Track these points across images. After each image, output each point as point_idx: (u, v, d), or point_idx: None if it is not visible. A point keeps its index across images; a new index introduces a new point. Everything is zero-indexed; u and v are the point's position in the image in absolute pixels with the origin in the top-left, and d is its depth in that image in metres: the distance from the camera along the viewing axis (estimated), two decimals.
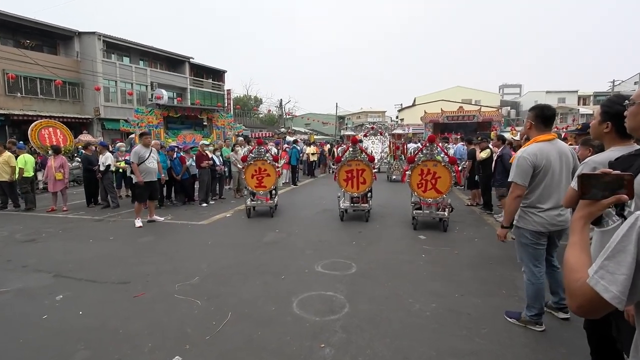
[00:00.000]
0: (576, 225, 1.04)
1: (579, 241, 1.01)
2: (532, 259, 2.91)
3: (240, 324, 3.13)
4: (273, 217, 7.42)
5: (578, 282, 0.92)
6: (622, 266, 0.85)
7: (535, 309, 2.95)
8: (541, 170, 2.76)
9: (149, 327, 3.09)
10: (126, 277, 4.23)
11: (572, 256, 1.00)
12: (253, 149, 7.65)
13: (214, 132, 14.79)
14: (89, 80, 22.77)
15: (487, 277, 4.16)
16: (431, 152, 6.20)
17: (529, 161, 2.75)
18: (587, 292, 0.88)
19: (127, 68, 25.85)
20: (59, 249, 5.46)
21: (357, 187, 6.96)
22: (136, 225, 6.76)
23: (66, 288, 3.94)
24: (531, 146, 2.81)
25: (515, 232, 2.97)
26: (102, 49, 24.04)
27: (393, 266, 4.54)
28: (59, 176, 8.55)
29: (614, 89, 36.23)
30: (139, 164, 6.82)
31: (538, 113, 2.82)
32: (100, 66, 23.56)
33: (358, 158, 6.88)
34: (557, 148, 2.81)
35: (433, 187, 6.16)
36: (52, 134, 14.00)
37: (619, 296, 0.84)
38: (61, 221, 7.47)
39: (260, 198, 7.49)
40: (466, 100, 38.01)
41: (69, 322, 3.21)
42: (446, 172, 6.07)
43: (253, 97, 49.22)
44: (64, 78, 21.44)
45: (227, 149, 11.17)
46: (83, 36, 23.84)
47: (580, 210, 1.04)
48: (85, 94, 23.61)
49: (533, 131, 2.86)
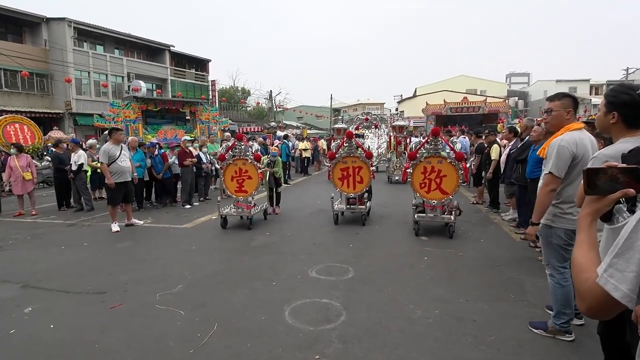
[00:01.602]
0: (583, 222, 1.06)
1: (586, 239, 1.03)
2: (562, 261, 2.87)
3: (228, 335, 3.12)
4: (264, 219, 7.40)
5: (587, 282, 0.94)
6: (631, 263, 0.87)
7: (566, 316, 2.91)
8: (580, 162, 2.71)
9: (128, 340, 3.07)
10: (102, 287, 4.19)
11: (580, 255, 1.01)
12: (232, 145, 7.00)
13: (197, 127, 14.72)
14: (58, 71, 22.49)
15: (493, 280, 4.20)
16: (435, 147, 5.89)
17: (570, 150, 2.69)
18: (596, 292, 0.90)
19: (101, 57, 25.57)
20: (27, 257, 5.40)
21: (354, 187, 6.83)
22: (113, 229, 6.70)
23: (36, 299, 3.90)
24: (568, 134, 2.75)
25: (545, 232, 2.91)
26: (73, 36, 23.75)
27: (393, 270, 4.57)
28: (28, 176, 8.44)
29: (627, 77, 36.72)
30: (109, 163, 6.73)
31: (575, 100, 2.83)
32: (71, 55, 23.27)
33: (354, 154, 6.75)
34: (589, 137, 2.81)
35: (438, 187, 5.89)
36: (18, 130, 13.84)
37: (629, 294, 0.86)
38: (30, 226, 7.39)
39: (241, 205, 6.91)
40: (471, 91, 38.27)
41: (40, 336, 3.18)
42: (452, 170, 5.78)
43: (240, 89, 49.00)
44: (31, 69, 21.14)
45: (213, 145, 11.12)
46: (51, 22, 23.53)
47: (587, 206, 1.06)
48: (54, 86, 23.33)
49: (571, 119, 2.84)
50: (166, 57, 30.67)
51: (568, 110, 2.83)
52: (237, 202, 6.99)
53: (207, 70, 35.86)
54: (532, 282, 4.09)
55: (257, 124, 33.32)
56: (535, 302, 3.61)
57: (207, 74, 35.47)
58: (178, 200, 9.28)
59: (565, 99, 2.85)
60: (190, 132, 13.90)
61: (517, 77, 65.92)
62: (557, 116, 2.89)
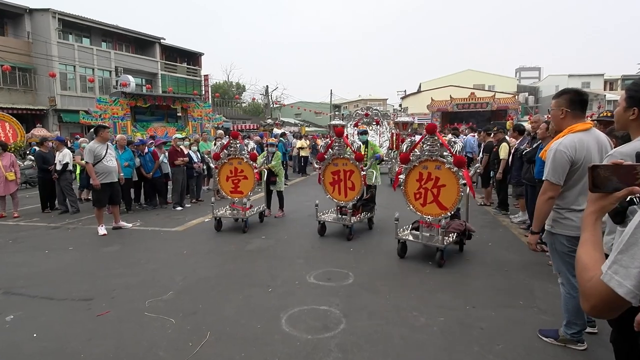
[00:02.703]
0: (588, 221, 1.08)
1: (590, 238, 1.06)
2: (572, 269, 2.82)
3: (221, 344, 3.12)
4: (260, 222, 7.40)
5: (591, 280, 0.97)
6: (635, 259, 0.89)
7: (577, 326, 2.91)
8: (581, 166, 2.68)
9: (115, 350, 3.07)
10: (88, 293, 4.19)
11: (584, 254, 1.04)
12: (227, 144, 7.00)
13: (189, 125, 14.76)
14: (42, 65, 22.50)
15: (501, 286, 4.22)
16: (432, 148, 4.97)
17: (567, 155, 2.66)
18: (601, 289, 0.93)
19: (88, 51, 25.59)
20: (8, 262, 5.39)
21: (345, 194, 6.22)
22: (99, 233, 6.71)
23: (18, 307, 3.90)
24: (568, 137, 2.70)
25: (549, 239, 2.90)
26: (58, 28, 23.76)
27: (395, 275, 4.58)
28: (11, 176, 8.43)
29: None
30: (94, 163, 6.74)
31: (574, 97, 2.75)
32: (56, 49, 23.28)
33: (345, 156, 6.16)
34: (596, 138, 2.75)
35: (435, 199, 4.97)
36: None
37: (634, 291, 0.88)
38: (11, 229, 7.38)
39: (237, 207, 6.88)
40: (478, 86, 38.27)
41: (22, 346, 3.18)
42: (453, 179, 4.82)
43: (235, 84, 49.06)
44: (13, 63, 21.12)
45: (206, 143, 11.12)
46: (35, 14, 23.56)
47: (592, 204, 1.08)
48: (38, 81, 23.34)
49: (568, 119, 2.78)
50: (156, 51, 30.71)
51: (562, 109, 2.79)
52: (233, 203, 6.98)
53: (200, 64, 35.91)
54: (543, 287, 4.10)
55: (253, 121, 33.35)
56: (546, 308, 3.63)
57: (199, 68, 35.54)
58: (169, 201, 9.28)
59: (561, 97, 2.81)
60: (181, 130, 13.91)
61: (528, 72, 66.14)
62: (553, 116, 2.91)
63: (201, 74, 35.24)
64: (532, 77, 63.23)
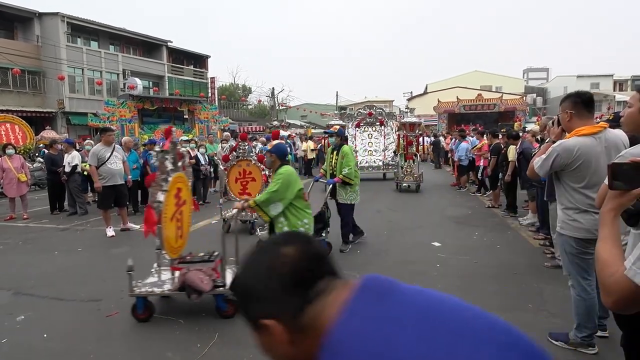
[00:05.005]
0: (606, 218, 1.09)
1: (609, 235, 1.07)
2: (581, 271, 2.85)
3: (229, 345, 3.14)
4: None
5: (613, 276, 0.98)
6: None
7: (588, 329, 2.90)
8: (581, 169, 2.72)
9: (124, 351, 3.10)
10: (97, 294, 4.23)
11: (604, 251, 1.05)
12: (236, 146, 7.25)
13: (196, 127, 14.83)
14: (51, 68, 22.77)
15: (510, 289, 4.18)
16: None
17: (561, 158, 2.74)
18: (624, 285, 0.94)
19: (96, 54, 25.89)
20: (19, 263, 5.46)
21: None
22: (107, 234, 6.77)
23: (28, 307, 3.95)
24: (572, 140, 2.75)
25: (559, 240, 2.97)
26: (67, 32, 24.06)
27: (403, 278, 4.47)
28: (23, 177, 8.53)
29: None
30: (98, 166, 6.79)
31: (577, 99, 2.79)
32: (65, 52, 23.57)
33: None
34: (605, 142, 2.75)
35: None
36: (9, 130, 14.06)
37: None
38: (21, 231, 7.47)
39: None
40: (485, 87, 38.11)
41: (32, 346, 3.22)
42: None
43: (241, 86, 49.26)
44: (23, 66, 21.40)
45: (212, 145, 11.18)
46: (44, 17, 23.86)
47: (610, 201, 1.09)
48: (47, 84, 23.62)
49: (575, 121, 2.81)
50: (163, 53, 30.93)
51: (567, 112, 2.84)
52: None
53: (207, 67, 36.12)
54: (552, 290, 4.06)
55: (259, 123, 33.47)
56: (556, 312, 3.59)
57: (206, 71, 35.74)
58: None
59: (565, 101, 2.88)
60: (188, 132, 14.00)
61: (535, 73, 65.71)
62: (561, 120, 2.96)
63: (208, 77, 35.42)
64: (540, 78, 62.77)
